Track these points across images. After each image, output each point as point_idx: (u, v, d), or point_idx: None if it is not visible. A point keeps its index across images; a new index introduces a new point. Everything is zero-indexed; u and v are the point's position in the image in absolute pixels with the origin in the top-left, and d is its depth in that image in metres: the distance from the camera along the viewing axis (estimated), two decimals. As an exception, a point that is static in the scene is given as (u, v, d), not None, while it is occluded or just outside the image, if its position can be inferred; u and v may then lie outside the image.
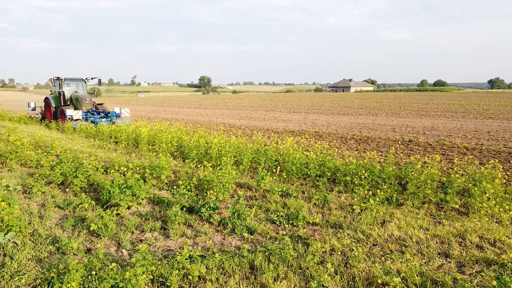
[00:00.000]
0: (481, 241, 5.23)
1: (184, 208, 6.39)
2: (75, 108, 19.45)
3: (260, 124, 21.08)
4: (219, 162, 9.57)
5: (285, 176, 8.37)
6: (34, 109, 22.76)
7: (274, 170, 9.19)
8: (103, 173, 8.84)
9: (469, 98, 49.65)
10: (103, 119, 18.55)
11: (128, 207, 6.62)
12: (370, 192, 7.10)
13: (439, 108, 32.84)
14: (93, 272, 4.00)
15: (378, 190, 7.49)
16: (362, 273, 4.29)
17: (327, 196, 6.98)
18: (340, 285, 4.09)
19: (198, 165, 9.67)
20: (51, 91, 21.54)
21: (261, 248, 4.89)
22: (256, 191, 7.71)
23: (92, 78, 21.24)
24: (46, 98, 21.03)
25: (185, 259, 4.38)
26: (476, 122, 20.90)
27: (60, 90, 20.03)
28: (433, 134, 16.10)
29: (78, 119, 17.94)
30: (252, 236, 5.45)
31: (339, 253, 4.85)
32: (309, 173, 8.42)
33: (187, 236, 5.43)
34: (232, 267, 4.41)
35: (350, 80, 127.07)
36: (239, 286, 4.09)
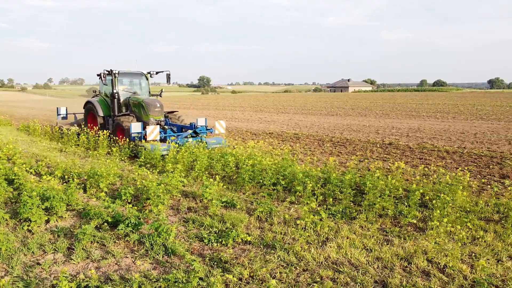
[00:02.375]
0: (429, 266, 4.50)
1: (106, 223, 5.68)
2: (140, 120, 12.47)
3: (240, 126, 20.34)
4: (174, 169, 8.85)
5: (229, 185, 7.65)
6: (65, 117, 16.24)
7: (232, 177, 8.51)
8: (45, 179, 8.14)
9: (465, 98, 48.73)
10: (190, 139, 11.35)
11: (47, 221, 5.92)
12: (320, 205, 6.38)
13: (432, 108, 32.04)
14: None
15: (333, 201, 6.78)
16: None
17: (273, 208, 6.25)
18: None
19: (153, 171, 9.04)
20: (95, 91, 15.01)
21: (167, 276, 4.16)
22: (200, 202, 6.99)
23: (157, 73, 14.29)
24: (89, 102, 14.24)
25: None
26: (466, 124, 20.14)
27: (114, 91, 13.08)
28: (417, 136, 15.35)
29: (154, 140, 10.90)
30: (168, 259, 4.74)
31: (257, 282, 4.12)
32: (262, 181, 7.69)
33: (92, 258, 4.71)
34: (119, 302, 3.70)
35: (349, 80, 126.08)
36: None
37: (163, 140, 11.43)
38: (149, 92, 14.34)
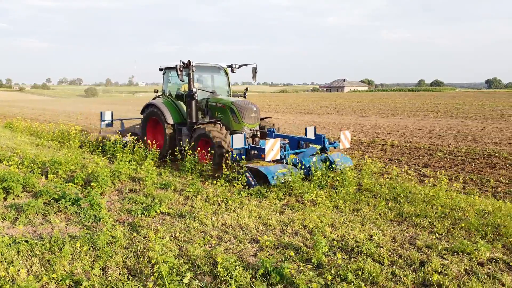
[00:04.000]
0: (301, 229, 5.57)
1: (54, 200, 6.76)
2: (231, 131, 9.38)
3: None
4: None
5: (175, 172, 8.78)
6: (110, 124, 13.01)
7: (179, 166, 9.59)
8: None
9: (454, 98, 49.54)
10: (314, 157, 8.55)
11: (5, 199, 6.98)
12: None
13: (412, 107, 33.06)
14: None
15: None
16: (149, 254, 4.63)
17: (200, 189, 7.33)
18: (122, 265, 4.45)
19: (113, 160, 10.11)
20: (158, 92, 11.73)
21: (83, 233, 5.22)
22: (144, 186, 8.05)
23: (239, 66, 11.01)
24: (151, 105, 10.86)
25: (6, 245, 4.78)
26: (430, 121, 21.21)
27: (192, 90, 9.75)
28: (375, 132, 16.43)
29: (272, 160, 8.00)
30: (96, 225, 5.81)
31: (157, 239, 5.19)
32: (201, 168, 8.79)
33: (32, 225, 5.79)
34: (40, 251, 4.77)
35: (344, 80, 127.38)
36: (35, 268, 4.44)
37: (283, 159, 8.53)
38: (229, 91, 11.05)
